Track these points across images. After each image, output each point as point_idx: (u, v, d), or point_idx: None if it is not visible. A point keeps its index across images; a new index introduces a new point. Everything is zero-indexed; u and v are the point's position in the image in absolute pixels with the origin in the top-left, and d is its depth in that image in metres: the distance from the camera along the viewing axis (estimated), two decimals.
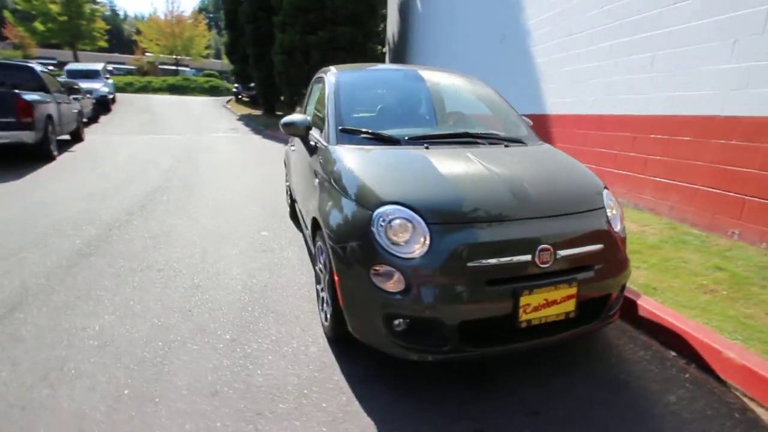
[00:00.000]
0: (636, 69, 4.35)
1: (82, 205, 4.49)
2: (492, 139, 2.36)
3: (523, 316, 1.62)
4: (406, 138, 2.22)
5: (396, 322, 1.63)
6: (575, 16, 5.32)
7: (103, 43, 31.20)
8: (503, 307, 1.61)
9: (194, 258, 3.21)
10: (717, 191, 3.50)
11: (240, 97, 24.60)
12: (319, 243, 2.13)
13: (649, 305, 2.32)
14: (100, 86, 14.14)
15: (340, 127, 2.28)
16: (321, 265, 2.15)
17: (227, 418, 1.60)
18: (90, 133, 10.55)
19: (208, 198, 5.03)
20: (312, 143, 2.49)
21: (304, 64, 13.49)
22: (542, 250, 1.65)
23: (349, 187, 1.89)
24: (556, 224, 1.74)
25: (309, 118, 2.56)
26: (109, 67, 18.60)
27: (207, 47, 39.57)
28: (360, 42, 13.66)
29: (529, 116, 3.33)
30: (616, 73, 4.62)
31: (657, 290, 2.58)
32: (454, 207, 1.70)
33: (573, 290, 1.69)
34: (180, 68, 38.15)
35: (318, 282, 2.30)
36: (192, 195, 5.17)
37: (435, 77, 3.03)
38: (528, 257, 1.64)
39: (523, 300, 1.61)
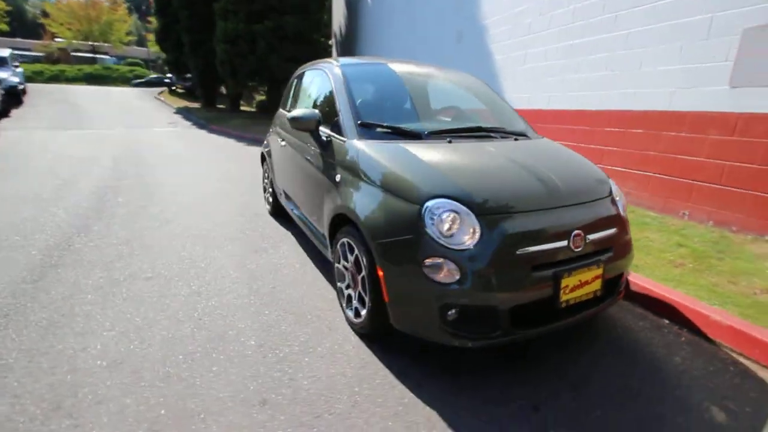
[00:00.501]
0: (594, 67, 4.74)
1: (25, 211, 3.95)
2: (502, 133, 2.47)
3: (563, 297, 1.75)
4: (426, 132, 2.25)
5: (450, 311, 1.67)
6: (535, 16, 5.65)
7: (3, 26, 27.18)
8: (547, 290, 1.72)
9: (182, 263, 2.98)
10: (669, 178, 3.96)
11: (174, 88, 22.85)
12: (345, 240, 2.10)
13: (639, 281, 2.59)
14: (8, 75, 12.35)
15: (359, 122, 2.25)
16: (347, 263, 2.12)
17: (287, 424, 1.54)
18: (3, 129, 9.21)
19: (170, 199, 4.66)
20: (324, 138, 2.43)
21: (249, 54, 12.88)
22: (575, 235, 1.78)
23: (387, 182, 1.89)
24: (583, 211, 1.89)
25: (317, 112, 2.48)
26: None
27: (128, 33, 36.06)
28: (307, 32, 13.30)
29: None
30: (574, 71, 5.00)
31: (638, 267, 2.88)
32: (496, 198, 1.78)
33: (600, 271, 1.85)
34: (98, 56, 34.38)
35: (340, 280, 2.26)
36: (152, 196, 4.75)
37: (430, 71, 3.09)
38: (564, 243, 1.76)
39: (563, 282, 1.73)
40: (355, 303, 2.11)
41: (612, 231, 1.95)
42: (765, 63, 3.18)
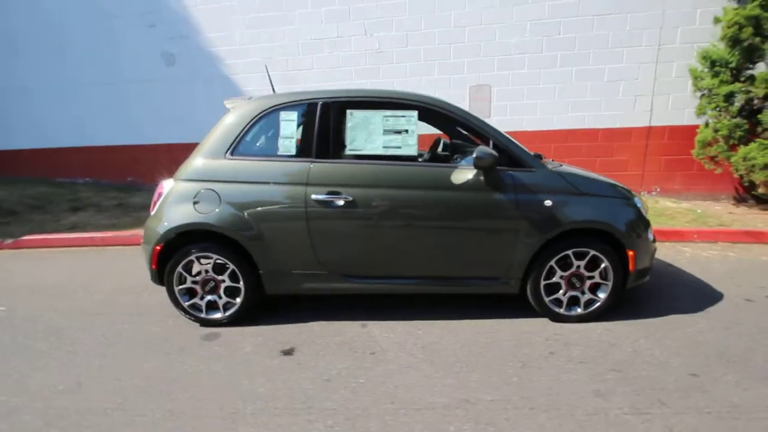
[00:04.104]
0: None
1: None
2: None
3: None
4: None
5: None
6: (294, 56, 6.09)
7: None
8: None
9: None
10: None
11: None
12: (572, 251, 2.43)
13: None
14: None
15: (532, 153, 2.51)
16: (565, 272, 2.47)
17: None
18: None
19: None
20: (500, 175, 2.40)
21: None
22: None
23: (606, 191, 2.53)
24: None
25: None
26: None
27: None
28: None
29: None
30: None
31: None
32: None
33: None
34: None
35: (555, 292, 2.50)
36: None
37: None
38: None
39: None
40: (585, 297, 2.52)
41: None
42: (481, 105, 5.82)
